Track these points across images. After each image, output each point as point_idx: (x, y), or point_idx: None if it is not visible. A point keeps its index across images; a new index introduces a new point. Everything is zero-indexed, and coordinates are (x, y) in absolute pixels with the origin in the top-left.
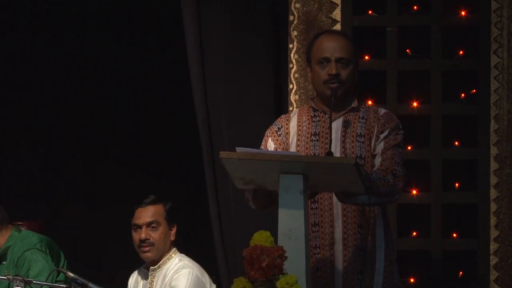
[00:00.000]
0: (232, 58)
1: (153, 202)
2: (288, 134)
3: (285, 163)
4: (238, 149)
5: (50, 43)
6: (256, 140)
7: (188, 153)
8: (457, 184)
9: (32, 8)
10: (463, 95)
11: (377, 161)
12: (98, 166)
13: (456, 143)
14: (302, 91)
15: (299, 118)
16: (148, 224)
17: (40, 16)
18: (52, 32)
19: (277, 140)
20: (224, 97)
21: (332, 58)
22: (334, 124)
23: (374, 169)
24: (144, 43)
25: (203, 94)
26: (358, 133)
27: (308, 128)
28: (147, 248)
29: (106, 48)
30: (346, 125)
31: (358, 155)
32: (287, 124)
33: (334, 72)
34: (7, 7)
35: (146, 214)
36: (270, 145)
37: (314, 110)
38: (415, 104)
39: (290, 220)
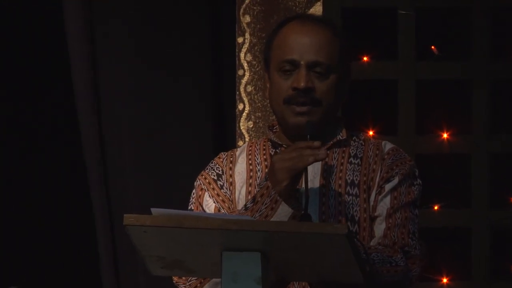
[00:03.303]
0: (142, 63)
1: None
2: (232, 185)
3: (232, 233)
4: (154, 210)
5: None
6: (183, 197)
7: (69, 214)
8: None
9: None
10: None
11: (379, 228)
12: None
13: None
14: (260, 114)
15: (250, 158)
16: None
17: None
18: None
19: (218, 195)
20: (129, 127)
21: (302, 62)
22: (308, 168)
23: (373, 242)
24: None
25: (94, 123)
26: (349, 181)
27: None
28: None
29: None
30: (328, 169)
31: (349, 216)
32: (231, 168)
33: (302, 84)
34: None
35: None
36: (208, 203)
37: (275, 145)
38: (445, 135)
39: None
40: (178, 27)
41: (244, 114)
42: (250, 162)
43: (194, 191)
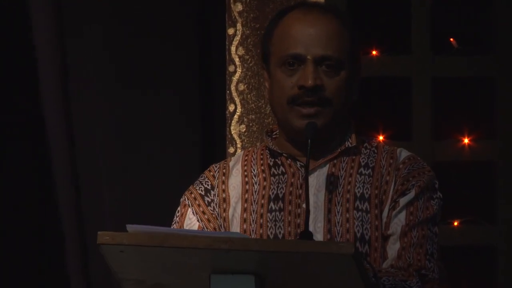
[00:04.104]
0: (120, 60)
1: None
2: (226, 201)
3: (222, 253)
4: (131, 227)
5: None
6: (166, 213)
7: (36, 232)
8: None
9: None
10: None
11: (392, 248)
12: None
13: None
14: (253, 116)
15: (246, 170)
16: None
17: None
18: None
19: (203, 212)
20: (104, 133)
21: (309, 57)
22: (312, 180)
23: (386, 264)
24: None
25: (64, 131)
26: (358, 195)
27: (265, 187)
28: None
29: None
30: (334, 181)
31: (358, 235)
32: (223, 182)
33: (310, 82)
34: None
35: None
36: (191, 221)
37: (274, 154)
38: (466, 140)
39: None
40: (161, 17)
41: (236, 116)
42: (245, 174)
43: (178, 208)
